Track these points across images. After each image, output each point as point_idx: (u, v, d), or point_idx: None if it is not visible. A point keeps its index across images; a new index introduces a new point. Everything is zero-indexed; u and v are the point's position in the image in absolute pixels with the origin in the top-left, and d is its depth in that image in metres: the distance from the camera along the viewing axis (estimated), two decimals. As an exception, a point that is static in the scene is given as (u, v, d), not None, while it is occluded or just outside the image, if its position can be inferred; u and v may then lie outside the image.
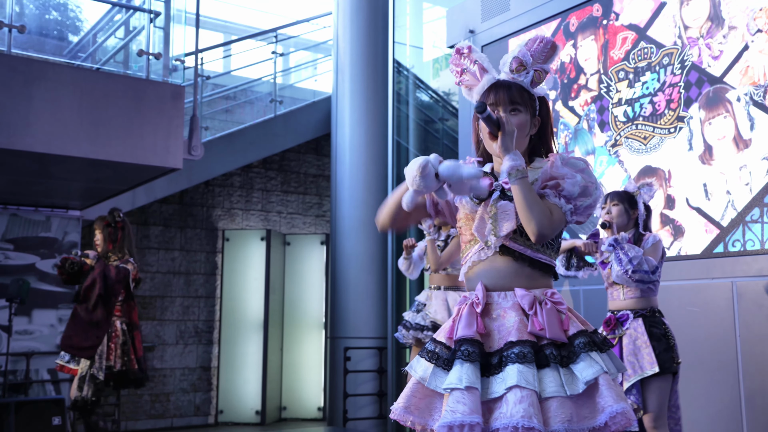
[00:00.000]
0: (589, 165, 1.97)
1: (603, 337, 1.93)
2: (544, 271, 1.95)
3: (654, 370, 3.25)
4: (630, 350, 3.34)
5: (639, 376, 3.27)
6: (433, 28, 7.96)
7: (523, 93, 1.98)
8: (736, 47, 4.16)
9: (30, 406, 5.33)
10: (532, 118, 2.00)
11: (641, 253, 3.33)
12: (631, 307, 3.43)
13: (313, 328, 8.28)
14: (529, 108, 1.99)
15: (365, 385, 7.08)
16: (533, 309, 1.87)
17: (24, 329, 6.44)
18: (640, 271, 3.30)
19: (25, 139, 4.74)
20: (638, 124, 4.67)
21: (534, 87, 2.01)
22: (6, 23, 5.03)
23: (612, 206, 3.57)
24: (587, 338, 1.86)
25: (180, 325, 7.81)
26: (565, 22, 5.23)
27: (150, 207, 7.70)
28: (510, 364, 1.79)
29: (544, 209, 1.86)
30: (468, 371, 1.80)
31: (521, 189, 1.86)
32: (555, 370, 1.80)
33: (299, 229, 8.79)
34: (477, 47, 6.18)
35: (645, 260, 3.32)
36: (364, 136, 7.43)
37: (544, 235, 1.85)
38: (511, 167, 1.88)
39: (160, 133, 5.21)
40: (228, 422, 7.80)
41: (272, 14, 10.96)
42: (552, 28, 5.31)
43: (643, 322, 3.37)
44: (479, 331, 1.87)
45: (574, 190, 1.89)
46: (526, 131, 1.98)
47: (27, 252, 6.59)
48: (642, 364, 3.28)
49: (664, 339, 3.33)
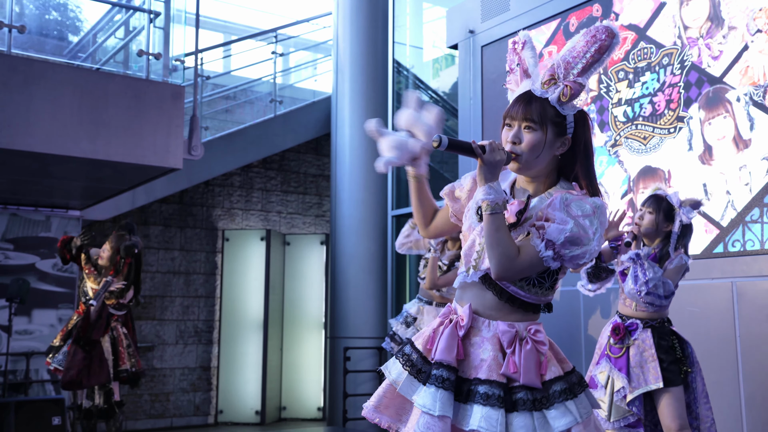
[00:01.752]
0: (597, 211, 1.76)
1: (579, 377, 1.85)
2: (527, 308, 1.84)
3: (658, 385, 3.17)
4: (636, 361, 3.25)
5: (642, 390, 3.20)
6: (433, 28, 7.96)
7: (545, 110, 1.82)
8: (736, 47, 4.17)
9: (30, 406, 5.33)
10: (558, 138, 1.84)
11: (660, 274, 3.20)
12: (642, 318, 3.32)
13: (313, 328, 8.28)
14: (552, 127, 1.82)
15: (365, 385, 7.08)
16: (512, 347, 1.79)
17: (24, 329, 6.44)
18: (653, 294, 3.20)
19: (25, 138, 4.75)
20: (638, 124, 4.68)
21: (563, 103, 1.82)
22: (6, 23, 5.04)
23: (646, 212, 3.37)
24: (564, 384, 1.79)
25: (180, 325, 7.82)
26: (565, 22, 5.23)
27: (150, 207, 7.71)
28: (475, 405, 1.75)
29: (507, 251, 1.74)
30: (443, 398, 1.75)
31: (487, 225, 1.76)
32: (527, 416, 1.74)
33: (299, 229, 8.79)
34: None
35: (663, 283, 3.20)
36: (364, 136, 7.43)
37: (503, 277, 1.77)
38: (481, 200, 1.78)
39: (160, 133, 5.22)
40: (228, 422, 7.80)
41: (272, 14, 10.96)
42: (552, 29, 5.31)
43: (652, 334, 3.27)
44: (458, 356, 1.81)
45: (559, 237, 1.72)
46: (538, 152, 1.82)
47: (27, 252, 6.59)
48: (647, 378, 3.20)
49: (672, 351, 3.24)
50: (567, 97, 1.80)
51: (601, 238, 1.75)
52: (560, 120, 1.83)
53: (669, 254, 3.31)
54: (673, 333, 3.32)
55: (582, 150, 1.87)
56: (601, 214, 1.76)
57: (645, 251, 3.31)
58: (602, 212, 1.76)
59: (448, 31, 6.28)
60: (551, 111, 1.82)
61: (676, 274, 3.28)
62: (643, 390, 3.21)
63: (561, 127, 1.83)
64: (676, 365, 3.23)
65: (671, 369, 3.21)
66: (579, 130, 1.86)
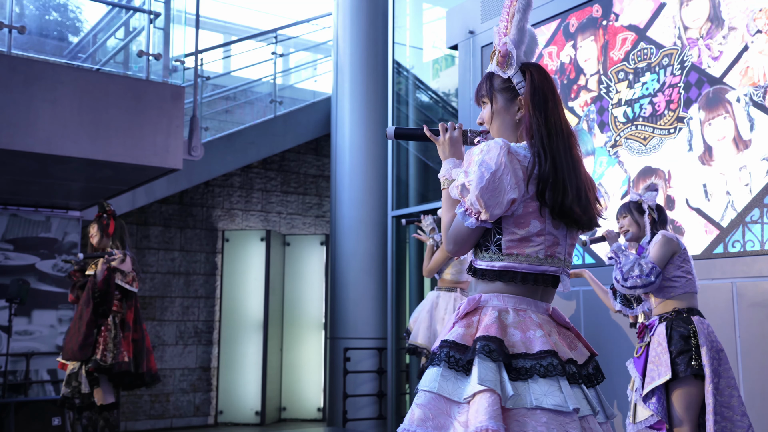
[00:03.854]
0: (484, 148, 1.73)
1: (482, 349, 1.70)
2: (485, 277, 1.80)
3: (665, 377, 3.12)
4: (651, 357, 3.23)
5: (652, 385, 3.16)
6: (433, 29, 7.96)
7: (491, 82, 1.88)
8: (736, 48, 4.17)
9: (30, 407, 5.34)
10: (512, 101, 1.85)
11: (633, 258, 3.25)
12: (659, 312, 3.32)
13: (313, 328, 8.28)
14: (500, 94, 1.86)
15: (365, 386, 7.08)
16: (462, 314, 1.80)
17: (24, 330, 6.44)
18: (631, 278, 3.22)
19: (25, 139, 4.75)
20: (638, 124, 4.67)
21: (502, 68, 1.85)
22: (6, 24, 5.04)
23: (622, 219, 3.60)
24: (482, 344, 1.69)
25: (180, 326, 7.82)
26: (564, 22, 5.23)
27: (150, 207, 7.71)
28: None
29: (446, 223, 1.81)
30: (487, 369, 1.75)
31: (443, 201, 1.85)
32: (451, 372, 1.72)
33: (299, 230, 8.79)
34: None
35: (639, 264, 3.22)
36: (363, 137, 7.43)
37: (450, 251, 1.81)
38: (440, 175, 1.87)
39: (160, 134, 5.22)
40: (228, 422, 7.80)
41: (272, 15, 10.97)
42: (552, 29, 5.31)
43: (665, 327, 3.24)
44: None
45: (462, 192, 1.74)
46: (497, 121, 1.86)
47: (27, 252, 6.59)
48: (660, 371, 3.16)
49: (683, 341, 3.17)
50: (500, 61, 1.86)
51: (480, 170, 1.69)
52: (507, 84, 1.86)
53: None
54: (690, 322, 3.21)
55: (532, 101, 1.82)
56: (489, 149, 1.71)
57: (616, 245, 3.33)
58: (489, 148, 1.71)
59: (448, 31, 6.28)
60: (498, 80, 1.87)
61: (657, 250, 3.27)
62: (653, 385, 3.15)
63: (511, 91, 1.86)
64: (686, 356, 3.14)
65: (678, 361, 3.14)
66: (527, 85, 1.84)
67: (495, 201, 1.70)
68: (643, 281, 3.21)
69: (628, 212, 3.60)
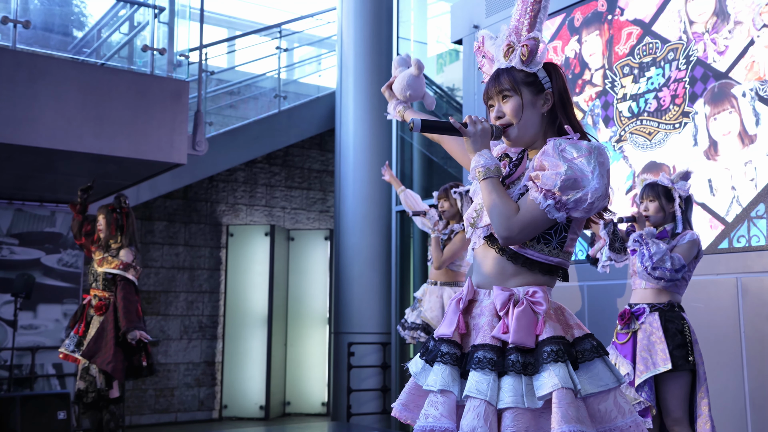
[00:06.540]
0: (594, 151, 1.71)
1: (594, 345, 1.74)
2: (534, 268, 1.78)
3: (666, 367, 3.13)
4: (644, 345, 3.23)
5: (651, 373, 3.17)
6: (437, 24, 7.94)
7: (513, 76, 1.85)
8: (742, 42, 4.15)
9: (35, 401, 5.35)
10: (538, 96, 1.85)
11: (665, 248, 3.19)
12: (649, 301, 3.31)
13: (317, 323, 8.29)
14: (526, 87, 1.84)
15: (369, 380, 7.09)
16: (505, 309, 1.74)
17: (29, 324, 6.47)
18: (661, 268, 3.17)
19: (30, 134, 4.75)
20: (643, 119, 4.66)
21: (527, 62, 1.84)
22: (11, 18, 5.04)
23: (648, 202, 3.42)
24: (557, 346, 1.68)
25: (184, 320, 7.83)
26: (569, 17, 5.22)
27: (154, 202, 7.72)
28: (471, 371, 1.70)
29: (504, 210, 1.72)
30: (444, 373, 1.73)
31: (483, 191, 1.77)
32: (516, 378, 1.67)
33: (303, 225, 8.80)
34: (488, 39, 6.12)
35: (670, 257, 3.18)
36: (368, 132, 7.42)
37: (509, 238, 1.73)
38: (473, 168, 1.80)
39: (164, 129, 5.22)
40: (232, 417, 7.82)
41: (276, 9, 10.96)
42: (557, 23, 5.29)
43: (659, 317, 3.26)
44: (460, 330, 1.79)
45: (555, 182, 1.68)
46: (521, 115, 1.84)
47: (32, 247, 6.61)
48: (655, 360, 3.17)
49: (680, 335, 3.20)
50: (526, 55, 1.84)
51: (602, 177, 1.68)
52: (532, 79, 1.85)
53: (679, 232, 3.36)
54: (682, 318, 3.27)
55: (558, 99, 1.86)
56: (599, 154, 1.71)
57: (647, 231, 3.28)
58: (600, 152, 1.71)
59: (453, 26, 6.26)
60: (520, 75, 1.85)
61: (688, 250, 3.27)
62: (651, 373, 3.16)
63: (536, 85, 1.85)
64: (684, 350, 3.18)
65: (678, 354, 3.17)
66: (553, 82, 1.87)
67: (600, 204, 1.71)
68: (671, 275, 3.20)
69: (656, 197, 3.42)
